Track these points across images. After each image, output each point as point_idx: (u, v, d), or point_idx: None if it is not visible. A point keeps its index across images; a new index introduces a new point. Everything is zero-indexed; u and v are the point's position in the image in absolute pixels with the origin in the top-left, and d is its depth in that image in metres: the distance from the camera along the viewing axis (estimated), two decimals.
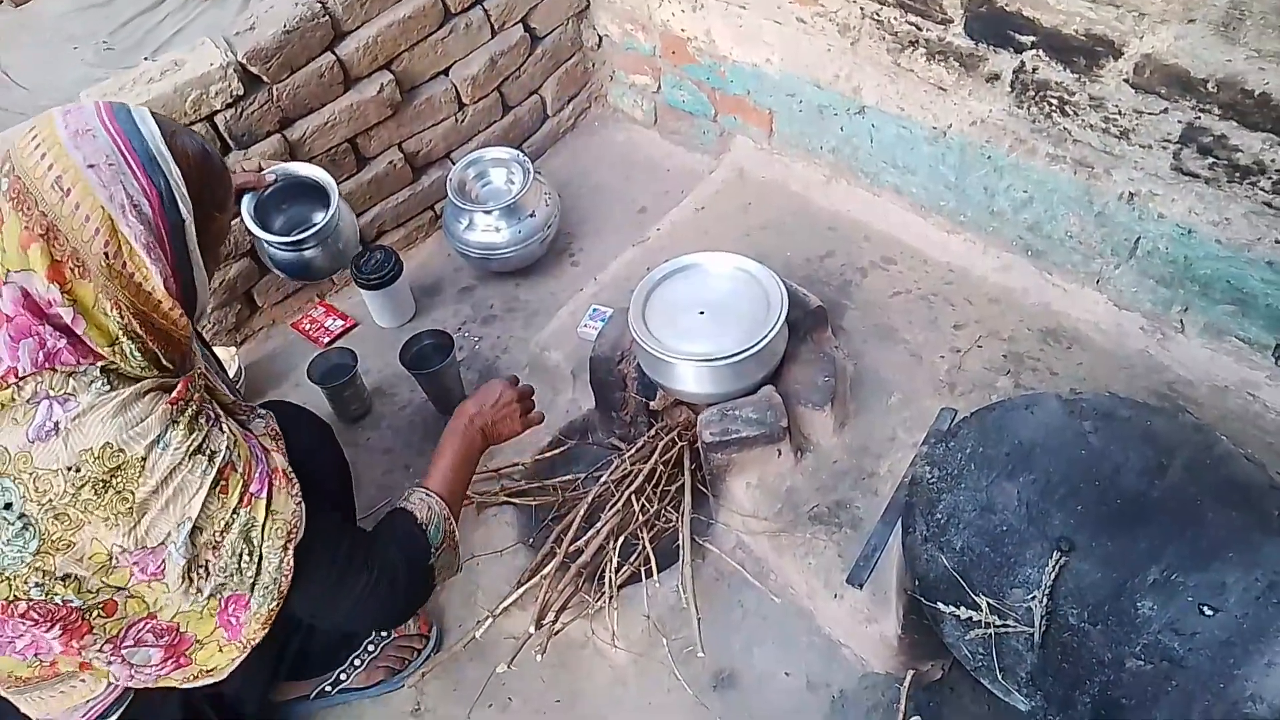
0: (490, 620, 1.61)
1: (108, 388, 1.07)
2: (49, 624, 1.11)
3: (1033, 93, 1.79)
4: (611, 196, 2.57)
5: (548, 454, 1.94)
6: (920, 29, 1.87)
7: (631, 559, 1.69)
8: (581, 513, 1.71)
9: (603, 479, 1.77)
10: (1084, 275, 1.94)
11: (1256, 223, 1.64)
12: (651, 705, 1.62)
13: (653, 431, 1.86)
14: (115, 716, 1.31)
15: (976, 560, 1.41)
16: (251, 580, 1.14)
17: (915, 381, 1.88)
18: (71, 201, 1.03)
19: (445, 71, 2.37)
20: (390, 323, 2.31)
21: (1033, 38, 1.73)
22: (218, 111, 1.97)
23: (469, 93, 2.41)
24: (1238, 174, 1.61)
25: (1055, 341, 1.91)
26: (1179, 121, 1.62)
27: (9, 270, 1.04)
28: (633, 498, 1.73)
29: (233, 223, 1.24)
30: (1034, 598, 1.35)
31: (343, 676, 1.66)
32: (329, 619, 1.29)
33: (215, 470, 1.10)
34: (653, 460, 1.79)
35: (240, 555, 1.13)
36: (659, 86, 2.59)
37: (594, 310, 2.11)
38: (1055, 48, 1.71)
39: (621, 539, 1.69)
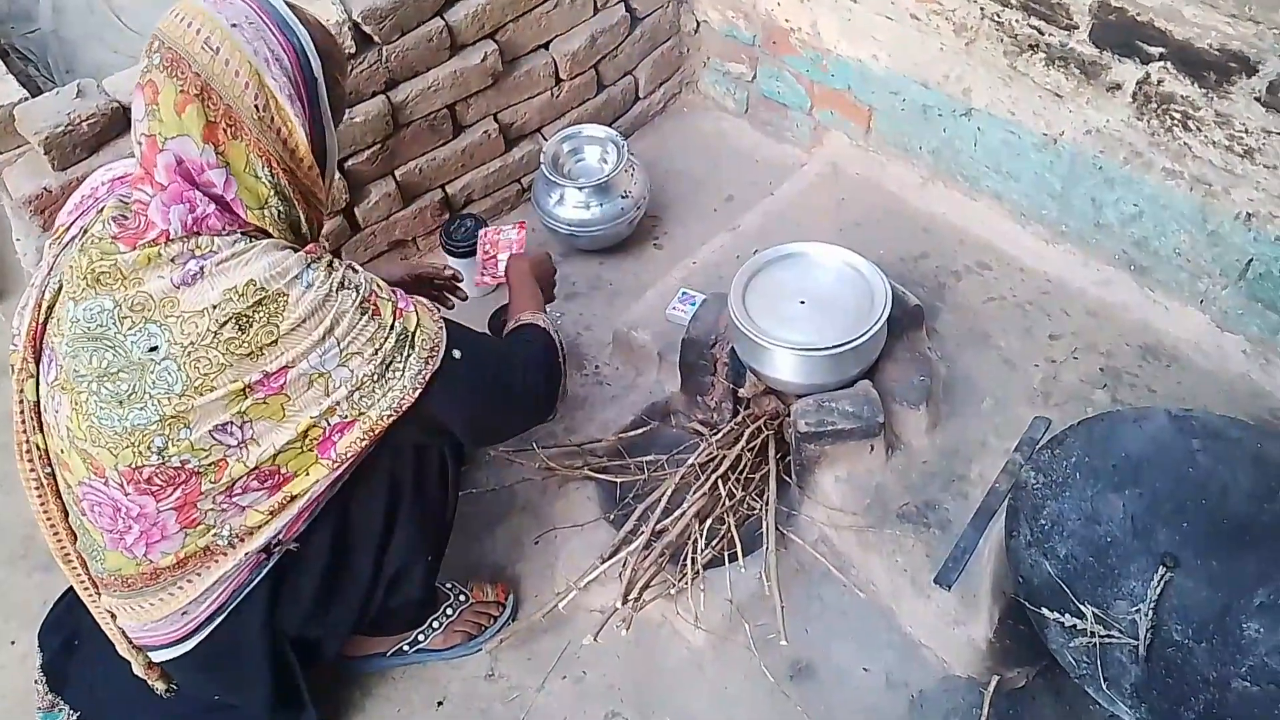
0: (573, 592, 1.62)
1: (251, 242, 1.15)
2: (170, 489, 1.18)
3: (1155, 105, 1.76)
4: (698, 183, 2.56)
5: (629, 433, 1.94)
6: (1042, 33, 1.85)
7: (714, 543, 1.69)
8: (668, 493, 1.71)
9: (689, 461, 1.77)
10: (1188, 294, 1.91)
11: None
12: (727, 690, 1.62)
13: (739, 418, 1.85)
14: (203, 636, 1.33)
15: (1081, 569, 1.40)
16: (377, 396, 1.19)
17: (1008, 388, 1.86)
18: (222, 58, 1.11)
19: (546, 45, 2.37)
20: (474, 292, 2.31)
21: (1162, 49, 1.70)
22: None
23: (567, 68, 2.41)
24: None
25: (1154, 359, 1.89)
26: None
27: (166, 138, 1.12)
28: (719, 482, 1.73)
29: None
30: (1139, 610, 1.34)
31: (421, 637, 1.66)
32: (492, 407, 1.37)
33: (362, 298, 1.18)
34: (738, 446, 1.79)
35: (389, 362, 1.19)
36: (754, 76, 2.58)
37: (683, 293, 2.11)
38: (1185, 61, 1.68)
39: (708, 522, 1.69)
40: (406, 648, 1.66)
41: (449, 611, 1.69)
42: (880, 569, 1.67)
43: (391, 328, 1.20)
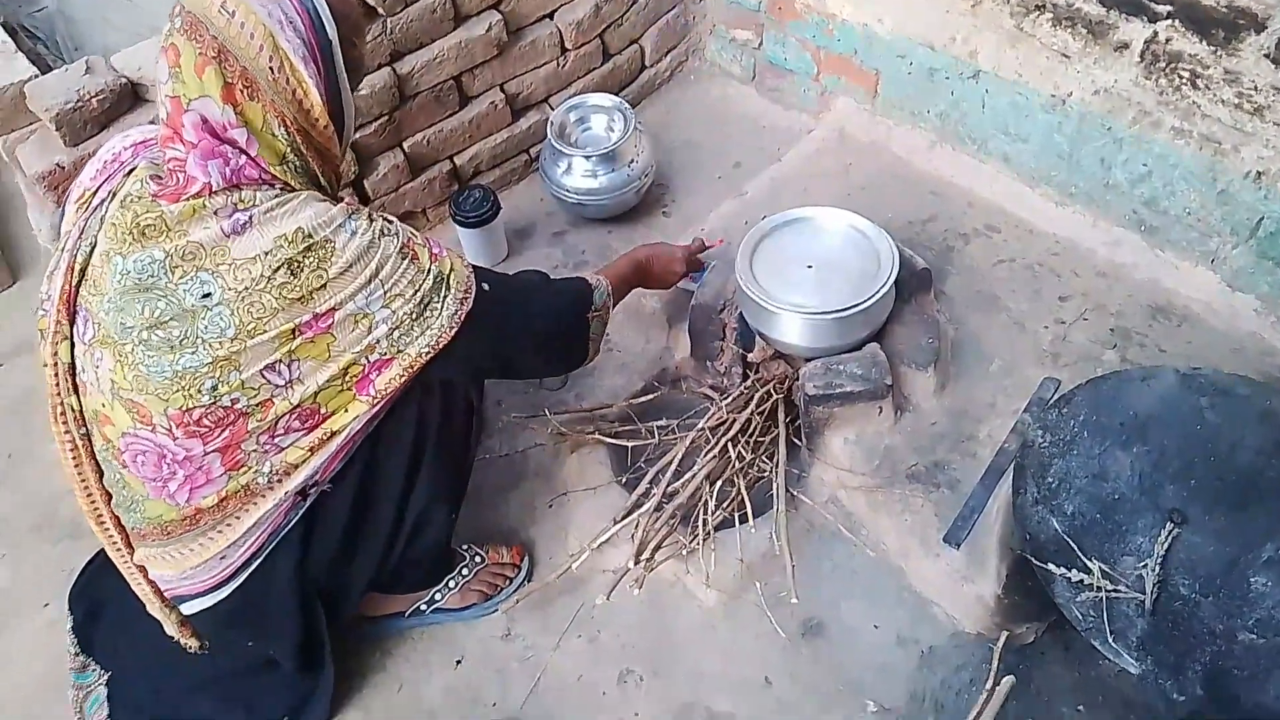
0: (587, 553, 1.64)
1: (292, 194, 1.21)
2: (218, 430, 1.22)
3: (1163, 64, 1.75)
4: (705, 151, 2.56)
5: (639, 399, 1.95)
6: None
7: (724, 504, 1.71)
8: (679, 456, 1.73)
9: (700, 425, 1.79)
10: (1199, 254, 1.91)
11: None
12: (739, 648, 1.64)
13: (749, 383, 1.87)
14: (238, 584, 1.37)
15: (1088, 526, 1.42)
16: (415, 334, 1.25)
17: (1016, 350, 1.87)
18: (237, 21, 1.14)
19: (551, 15, 2.37)
20: (484, 262, 2.32)
21: (1169, 7, 1.69)
22: None
23: (572, 38, 2.40)
24: None
25: (1164, 319, 1.89)
26: None
27: (189, 99, 1.16)
28: (729, 445, 1.75)
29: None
30: (1145, 565, 1.36)
31: (437, 597, 1.69)
32: (524, 337, 1.47)
33: (402, 243, 1.24)
34: (748, 410, 1.80)
35: (428, 303, 1.25)
36: (760, 42, 2.57)
37: None
38: (1193, 19, 1.67)
39: (718, 484, 1.71)
40: (424, 607, 1.69)
41: (464, 572, 1.72)
42: (890, 528, 1.69)
43: (429, 271, 1.26)
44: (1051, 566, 1.36)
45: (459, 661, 1.67)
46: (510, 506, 1.86)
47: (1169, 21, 1.71)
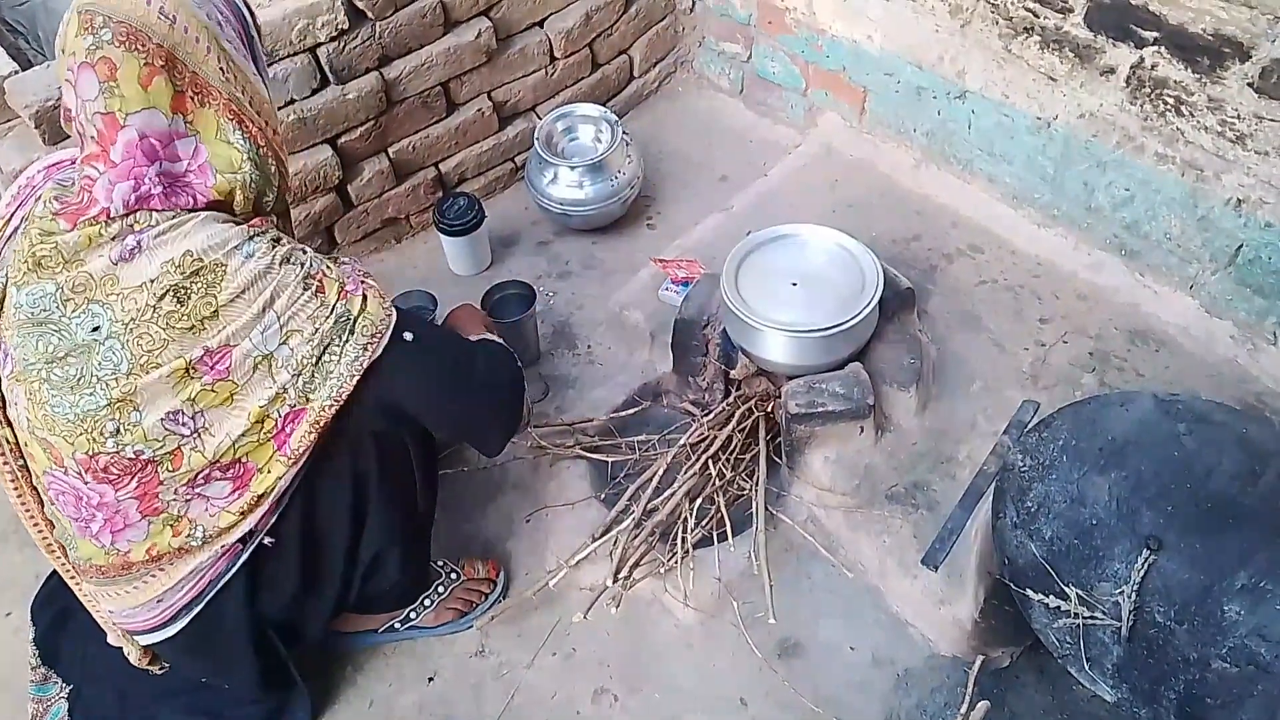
0: (564, 570, 1.63)
1: (190, 216, 1.14)
2: (127, 478, 1.17)
3: (1148, 90, 1.77)
4: (692, 163, 2.56)
5: (621, 413, 1.94)
6: (1037, 16, 1.85)
7: (704, 522, 1.70)
8: (659, 472, 1.72)
9: (681, 441, 1.78)
10: (1178, 279, 1.92)
11: None
12: (715, 667, 1.63)
13: (730, 399, 1.86)
14: (185, 622, 1.34)
15: (1065, 551, 1.42)
16: (318, 383, 1.18)
17: (997, 371, 1.87)
18: (180, 25, 1.11)
19: (541, 23, 2.36)
20: (467, 271, 2.31)
21: (1156, 33, 1.70)
22: (321, 44, 1.97)
23: (561, 46, 2.40)
24: None
25: (1143, 343, 1.90)
26: None
27: (128, 113, 1.09)
28: (709, 462, 1.74)
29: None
30: (1122, 592, 1.36)
31: (413, 615, 1.67)
32: (443, 412, 1.35)
33: (306, 273, 1.17)
34: (729, 427, 1.80)
35: (327, 345, 1.17)
36: (749, 56, 2.57)
37: None
38: (1179, 45, 1.68)
39: (698, 502, 1.70)
40: (398, 625, 1.67)
41: (440, 589, 1.70)
42: (868, 549, 1.69)
43: (332, 309, 1.17)
44: (1030, 592, 1.36)
45: (431, 678, 1.65)
46: (488, 520, 1.85)
47: (1155, 48, 1.72)
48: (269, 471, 1.22)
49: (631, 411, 1.94)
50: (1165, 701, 1.26)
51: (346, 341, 1.18)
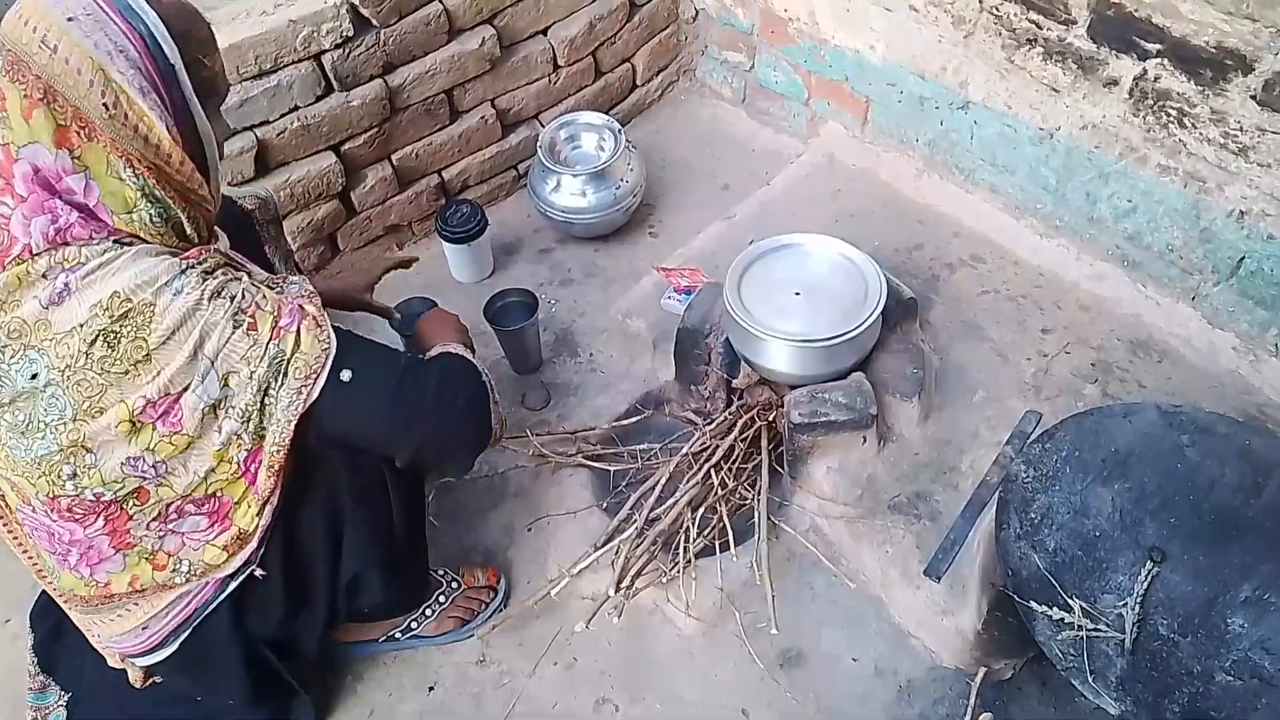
0: (565, 580, 1.63)
1: (121, 250, 1.07)
2: (92, 517, 1.15)
3: (1151, 101, 1.77)
4: (694, 172, 2.56)
5: (623, 421, 1.94)
6: (1040, 27, 1.85)
7: (706, 532, 1.70)
8: (661, 481, 1.72)
9: (683, 450, 1.78)
10: (1180, 290, 1.92)
11: None
12: (717, 677, 1.63)
13: (733, 408, 1.86)
14: (175, 646, 1.35)
15: (1069, 562, 1.42)
16: (267, 426, 1.14)
17: (1000, 381, 1.87)
18: (61, 57, 1.02)
19: (544, 31, 2.37)
20: (469, 278, 2.31)
21: (1159, 45, 1.71)
22: (325, 51, 1.97)
23: (565, 54, 2.40)
24: None
25: (1145, 354, 1.90)
26: None
27: (18, 146, 1.04)
28: (712, 471, 1.74)
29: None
30: (1125, 604, 1.36)
31: (413, 624, 1.67)
32: (393, 444, 1.28)
33: (237, 309, 1.10)
34: (731, 436, 1.80)
35: (265, 390, 1.12)
36: (752, 65, 2.58)
37: None
38: (1182, 58, 1.69)
39: (700, 511, 1.70)
40: (399, 634, 1.67)
41: (441, 599, 1.69)
42: (871, 559, 1.69)
43: (265, 348, 1.11)
44: (1033, 603, 1.35)
45: (432, 687, 1.64)
46: (489, 529, 1.84)
47: (1158, 60, 1.72)
48: (248, 506, 1.21)
49: (634, 420, 1.94)
50: (1169, 714, 1.26)
51: (281, 385, 1.13)
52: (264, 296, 1.13)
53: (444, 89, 2.21)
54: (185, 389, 1.08)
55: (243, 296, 1.11)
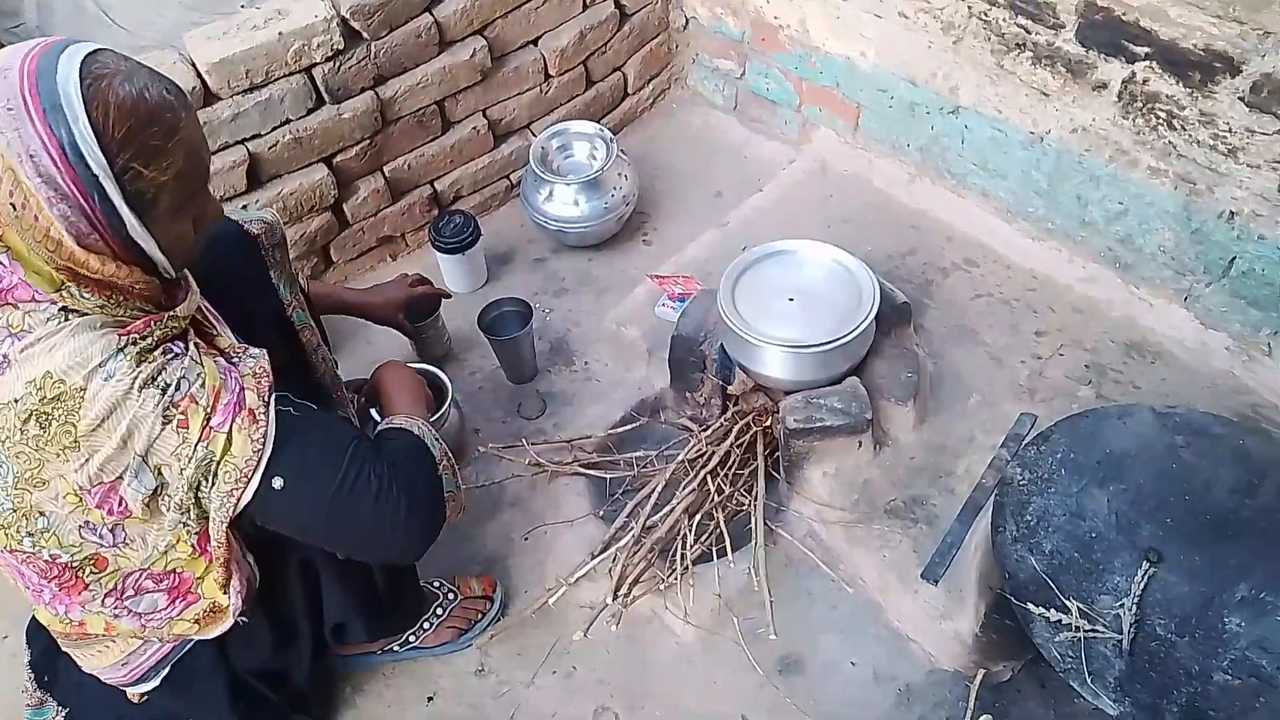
0: (563, 588, 1.63)
1: (63, 321, 1.01)
2: (46, 580, 1.15)
3: (1140, 104, 1.78)
4: (686, 179, 2.57)
5: (619, 429, 1.94)
6: (1029, 32, 1.86)
7: (703, 538, 1.70)
8: (658, 489, 1.72)
9: (679, 457, 1.78)
10: (1172, 291, 1.93)
11: None
12: (716, 684, 1.63)
13: (728, 415, 1.86)
14: (159, 680, 1.35)
15: (1066, 564, 1.42)
16: (204, 517, 1.11)
17: (995, 385, 1.88)
18: None
19: (535, 41, 2.37)
20: (463, 288, 2.31)
21: (1147, 49, 1.72)
22: (316, 64, 1.97)
23: (556, 64, 2.41)
24: None
25: (1139, 355, 1.91)
26: None
27: None
28: (708, 478, 1.74)
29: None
30: (1123, 605, 1.36)
31: (412, 638, 1.66)
32: (330, 547, 1.25)
33: (169, 402, 1.03)
34: (727, 443, 1.80)
35: (197, 487, 1.08)
36: (743, 72, 2.59)
37: None
38: (1170, 60, 1.70)
39: (697, 518, 1.69)
40: (397, 646, 1.66)
41: (439, 611, 1.69)
42: (868, 564, 1.69)
43: (194, 448, 1.05)
44: (1030, 606, 1.36)
45: (431, 698, 1.64)
46: (486, 538, 1.84)
47: (1147, 63, 1.73)
48: (215, 581, 1.21)
49: (629, 428, 1.94)
50: (1168, 715, 1.26)
51: (212, 487, 1.08)
52: (201, 385, 1.06)
53: (435, 100, 2.22)
54: (119, 478, 1.04)
55: (177, 387, 1.04)
